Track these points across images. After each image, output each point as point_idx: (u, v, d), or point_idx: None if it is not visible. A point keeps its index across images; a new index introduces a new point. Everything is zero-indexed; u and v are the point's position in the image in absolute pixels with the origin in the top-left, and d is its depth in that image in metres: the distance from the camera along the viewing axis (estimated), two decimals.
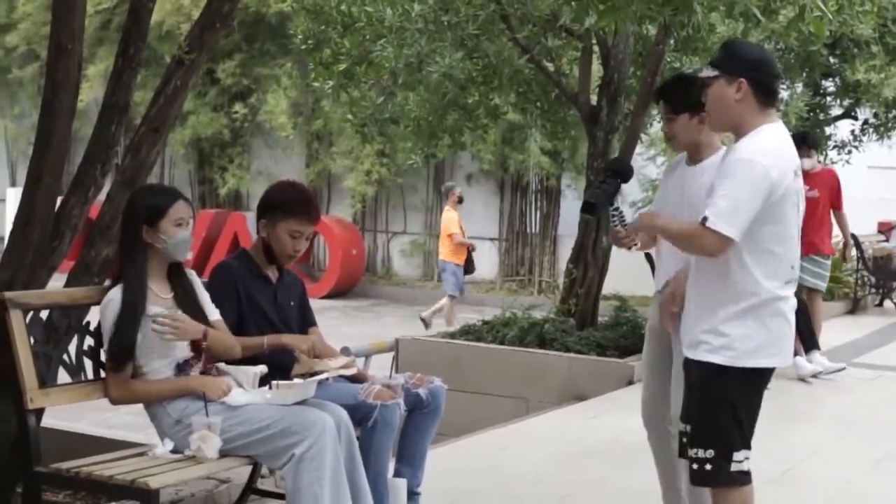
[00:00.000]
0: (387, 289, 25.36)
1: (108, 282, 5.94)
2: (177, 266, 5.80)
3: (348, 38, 11.76)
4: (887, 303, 19.03)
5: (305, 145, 26.16)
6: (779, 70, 5.27)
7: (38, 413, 5.58)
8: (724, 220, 4.89)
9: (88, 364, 5.77)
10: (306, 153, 26.28)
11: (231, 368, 5.78)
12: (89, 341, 5.78)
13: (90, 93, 23.70)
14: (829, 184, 12.40)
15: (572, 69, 13.46)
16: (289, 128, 24.60)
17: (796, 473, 8.14)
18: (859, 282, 18.76)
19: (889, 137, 18.61)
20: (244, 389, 5.65)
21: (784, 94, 16.44)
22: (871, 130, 18.83)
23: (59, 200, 6.52)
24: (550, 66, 12.56)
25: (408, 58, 11.24)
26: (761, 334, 5.07)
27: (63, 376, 5.72)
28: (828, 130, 18.97)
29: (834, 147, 19.02)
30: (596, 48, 12.72)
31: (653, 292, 6.22)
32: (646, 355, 6.35)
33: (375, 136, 13.28)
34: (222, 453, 5.39)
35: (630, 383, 10.79)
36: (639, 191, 21.44)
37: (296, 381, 5.68)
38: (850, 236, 13.81)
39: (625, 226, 5.88)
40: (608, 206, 5.89)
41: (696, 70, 5.42)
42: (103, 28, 25.58)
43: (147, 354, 5.57)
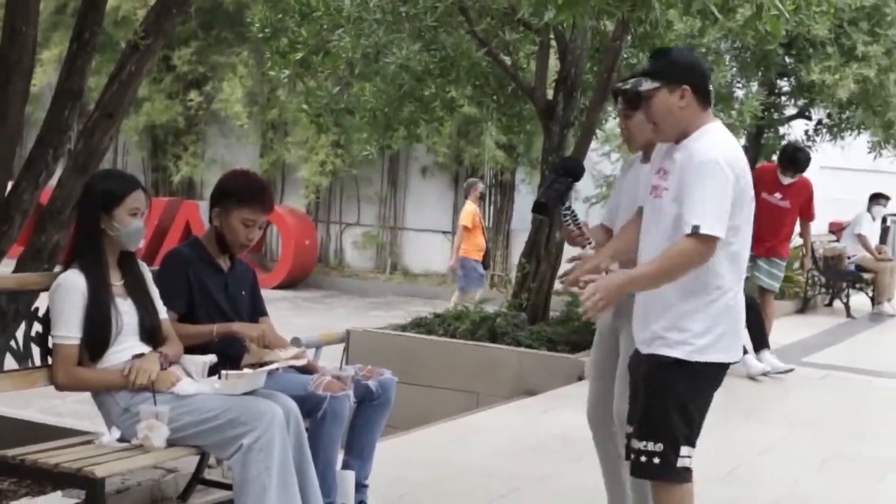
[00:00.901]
0: (339, 280, 25.33)
1: (58, 267, 5.89)
2: (128, 254, 5.76)
3: (305, 27, 11.71)
4: (837, 303, 19.14)
5: (260, 135, 26.10)
6: (708, 70, 5.28)
7: None
8: (714, 223, 4.87)
9: (36, 350, 5.73)
10: (261, 142, 26.22)
11: (181, 358, 5.76)
12: (37, 327, 5.73)
13: (44, 77, 23.51)
14: (803, 194, 12.46)
15: (529, 63, 13.47)
16: (244, 117, 24.52)
17: (743, 472, 8.17)
18: (809, 281, 18.87)
19: (842, 138, 18.71)
20: (193, 379, 5.63)
21: (739, 93, 16.51)
22: (824, 131, 18.94)
23: (9, 185, 6.47)
24: (508, 60, 12.56)
25: (365, 48, 11.21)
26: (720, 329, 5.08)
27: (10, 362, 5.68)
28: (782, 130, 19.07)
29: None
30: (553, 43, 12.73)
31: None
32: (594, 355, 6.36)
33: (331, 126, 13.23)
34: (170, 442, 5.36)
35: (580, 379, 10.80)
36: (592, 187, 21.50)
37: (245, 371, 5.67)
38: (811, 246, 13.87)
39: (578, 226, 5.86)
40: (560, 205, 5.87)
41: (634, 83, 5.33)
42: (58, 12, 25.40)
43: None
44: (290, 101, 22.17)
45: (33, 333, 5.72)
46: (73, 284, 5.50)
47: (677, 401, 5.09)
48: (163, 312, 5.85)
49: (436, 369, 11.58)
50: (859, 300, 18.97)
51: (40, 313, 5.74)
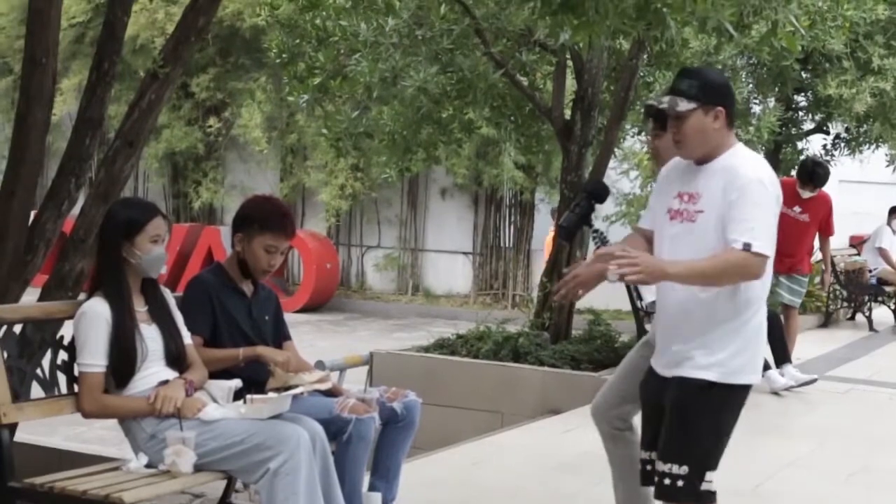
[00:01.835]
0: (361, 303, 25.31)
1: (82, 295, 5.93)
2: (151, 280, 5.80)
3: (323, 52, 11.75)
4: (859, 316, 19.08)
5: (280, 159, 26.11)
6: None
7: (12, 428, 5.56)
8: (765, 242, 4.87)
9: (62, 378, 5.77)
10: (280, 167, 26.22)
11: (206, 383, 5.79)
12: (63, 356, 5.77)
13: (64, 106, 23.59)
14: (823, 209, 12.41)
15: (546, 84, 13.48)
16: (263, 142, 24.54)
17: (769, 487, 8.16)
18: (831, 295, 18.82)
19: (860, 152, 18.65)
20: (218, 404, 5.65)
21: (756, 109, 16.49)
22: (842, 145, 18.88)
23: (32, 214, 6.51)
24: (524, 81, 12.58)
25: (382, 72, 11.24)
26: (749, 351, 5.08)
27: (36, 391, 5.71)
28: (800, 145, 19.01)
29: None
30: (570, 63, 12.75)
31: (627, 307, 6.20)
32: (630, 354, 6.26)
33: (350, 150, 13.27)
34: (197, 468, 5.39)
35: None
36: (612, 205, 21.48)
37: (270, 395, 5.69)
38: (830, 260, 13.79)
39: (606, 244, 5.84)
40: (586, 227, 5.87)
41: (660, 101, 5.30)
42: (77, 41, 25.47)
43: None
44: (309, 125, 22.21)
45: (59, 362, 5.76)
46: (97, 312, 5.54)
47: (710, 423, 5.08)
48: (187, 338, 5.89)
49: (459, 390, 11.58)
50: (881, 313, 18.90)
51: (65, 341, 5.78)
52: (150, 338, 5.65)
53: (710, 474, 5.09)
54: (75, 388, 5.68)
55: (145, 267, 5.69)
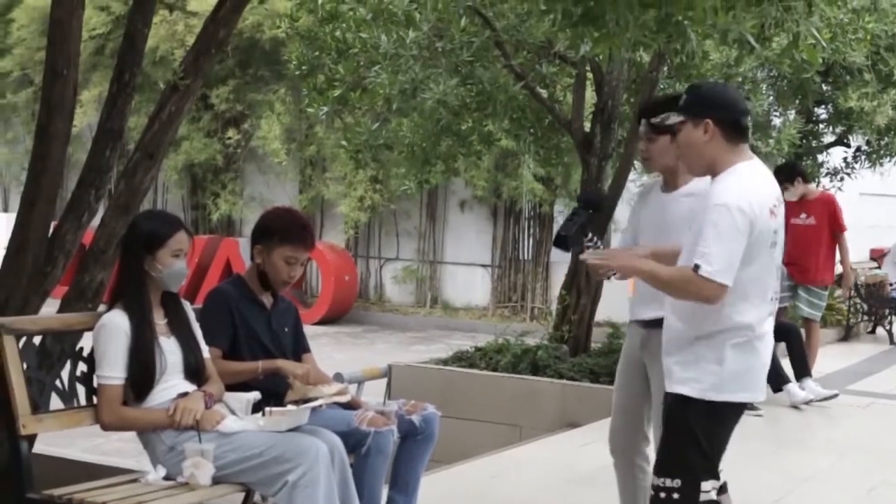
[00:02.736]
0: (379, 315, 25.30)
1: (102, 307, 5.93)
2: (171, 293, 5.80)
3: (342, 64, 11.76)
4: (879, 330, 19.02)
5: (299, 171, 26.13)
6: (745, 106, 5.18)
7: (31, 439, 5.56)
8: (719, 269, 4.82)
9: (81, 390, 5.77)
10: (299, 179, 26.24)
11: (225, 395, 5.78)
12: (82, 367, 5.77)
13: (84, 118, 23.66)
14: (827, 209, 12.32)
15: (566, 96, 13.48)
16: (282, 153, 24.56)
17: (789, 501, 8.11)
18: (852, 309, 18.76)
19: (881, 165, 18.62)
20: (237, 416, 5.65)
21: (777, 122, 16.47)
22: (863, 158, 18.85)
23: (52, 226, 6.51)
24: (544, 93, 12.58)
25: (402, 84, 11.24)
26: (728, 369, 5.01)
27: (55, 402, 5.71)
28: (820, 158, 18.98)
29: (826, 174, 19.04)
30: (590, 75, 12.74)
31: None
32: (618, 381, 6.22)
33: (369, 162, 13.29)
34: (215, 480, 5.38)
35: None
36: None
37: (289, 407, 5.68)
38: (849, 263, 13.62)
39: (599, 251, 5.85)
40: (581, 237, 5.85)
41: (663, 117, 5.39)
42: (97, 53, 25.56)
43: None
44: (328, 137, 22.20)
45: (78, 373, 5.76)
46: (116, 325, 5.54)
47: (690, 438, 5.05)
48: (205, 351, 5.89)
49: (478, 403, 11.57)
50: None
51: (85, 353, 5.78)
52: (170, 351, 5.66)
53: (706, 484, 5.06)
54: (94, 399, 5.69)
55: (166, 281, 5.70)
